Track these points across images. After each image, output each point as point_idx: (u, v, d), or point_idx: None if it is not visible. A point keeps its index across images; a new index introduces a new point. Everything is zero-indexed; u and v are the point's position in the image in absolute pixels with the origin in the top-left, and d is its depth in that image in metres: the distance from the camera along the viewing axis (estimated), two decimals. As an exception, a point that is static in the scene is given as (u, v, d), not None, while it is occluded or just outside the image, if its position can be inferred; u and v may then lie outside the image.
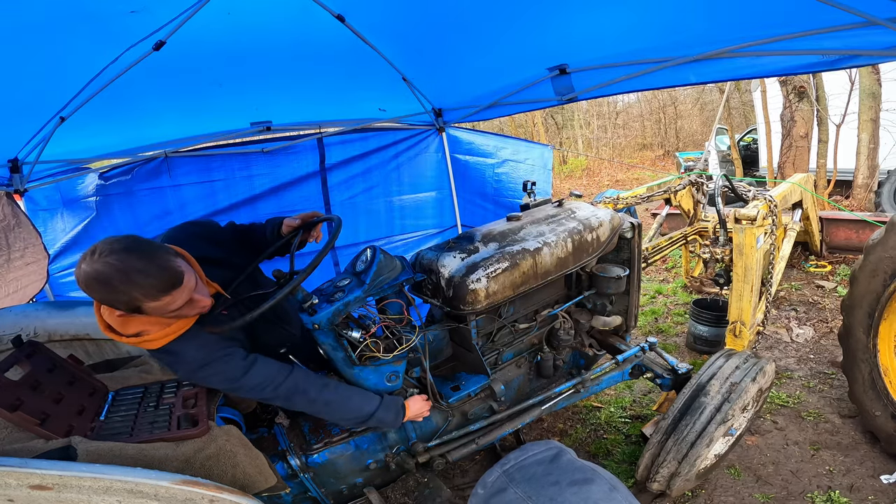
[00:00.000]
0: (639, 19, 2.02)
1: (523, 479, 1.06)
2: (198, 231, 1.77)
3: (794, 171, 6.37)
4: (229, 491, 1.25)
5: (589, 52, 2.37)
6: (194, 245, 1.62)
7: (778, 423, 2.91)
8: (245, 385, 1.55)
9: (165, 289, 1.32)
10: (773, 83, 7.71)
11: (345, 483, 1.94)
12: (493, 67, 2.77)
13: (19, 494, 1.01)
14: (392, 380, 1.82)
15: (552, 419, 3.16)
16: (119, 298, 1.29)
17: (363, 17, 2.22)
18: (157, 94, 2.47)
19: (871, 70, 6.29)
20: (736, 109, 14.28)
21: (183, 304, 1.39)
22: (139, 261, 1.28)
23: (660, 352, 2.50)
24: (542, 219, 2.21)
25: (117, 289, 1.26)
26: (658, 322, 4.56)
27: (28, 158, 2.59)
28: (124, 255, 1.27)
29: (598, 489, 1.00)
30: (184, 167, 3.20)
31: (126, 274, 1.26)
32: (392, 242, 4.03)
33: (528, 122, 15.99)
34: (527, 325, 2.24)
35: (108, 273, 1.24)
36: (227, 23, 1.95)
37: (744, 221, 2.81)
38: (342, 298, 1.70)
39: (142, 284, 1.28)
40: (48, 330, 1.85)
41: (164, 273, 1.32)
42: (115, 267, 1.25)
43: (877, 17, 1.44)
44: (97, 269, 1.24)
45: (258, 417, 2.20)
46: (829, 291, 4.60)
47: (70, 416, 1.42)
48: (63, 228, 2.98)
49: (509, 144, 4.11)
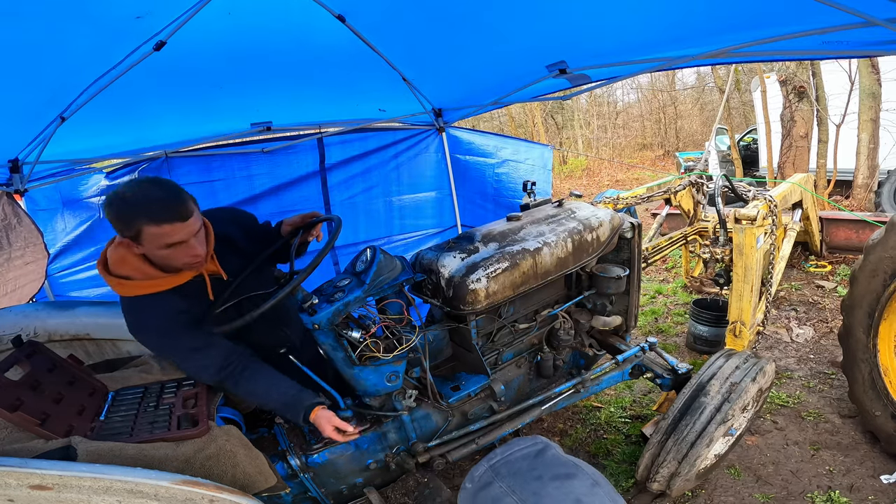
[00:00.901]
0: (638, 19, 2.02)
1: (508, 473, 1.06)
2: (233, 216, 1.88)
3: (794, 171, 6.37)
4: (229, 491, 1.25)
5: (587, 51, 2.37)
6: (223, 222, 1.73)
7: (778, 423, 2.91)
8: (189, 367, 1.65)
9: (171, 218, 1.40)
10: (773, 83, 7.71)
11: (345, 483, 1.94)
12: (493, 67, 2.77)
13: (19, 494, 1.01)
14: (392, 380, 1.82)
15: (552, 419, 3.16)
16: (128, 216, 1.38)
17: (363, 17, 2.22)
18: (158, 95, 2.47)
19: (871, 70, 6.29)
20: (736, 109, 14.28)
21: (179, 243, 1.44)
22: (160, 189, 1.42)
23: (660, 352, 2.50)
24: (542, 219, 2.21)
25: (130, 205, 1.37)
26: (658, 322, 4.56)
27: (28, 159, 2.59)
28: (149, 183, 1.43)
29: (579, 484, 1.01)
30: (184, 167, 3.20)
31: (144, 194, 1.39)
32: (392, 242, 4.03)
33: (528, 122, 15.99)
34: (527, 325, 2.24)
35: (130, 190, 1.38)
36: (228, 23, 1.95)
37: (744, 221, 2.81)
38: (342, 298, 1.70)
39: (152, 206, 1.38)
40: (48, 330, 1.86)
41: (175, 202, 1.42)
42: (137, 187, 1.40)
43: (875, 17, 1.44)
44: (123, 187, 1.40)
45: (258, 417, 2.20)
46: (829, 291, 4.60)
47: (70, 416, 1.42)
48: (63, 229, 2.99)
49: (509, 144, 4.11)
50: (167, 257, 1.47)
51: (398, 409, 1.91)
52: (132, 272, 1.50)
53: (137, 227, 1.38)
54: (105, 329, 1.91)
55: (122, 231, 1.42)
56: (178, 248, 1.46)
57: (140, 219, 1.37)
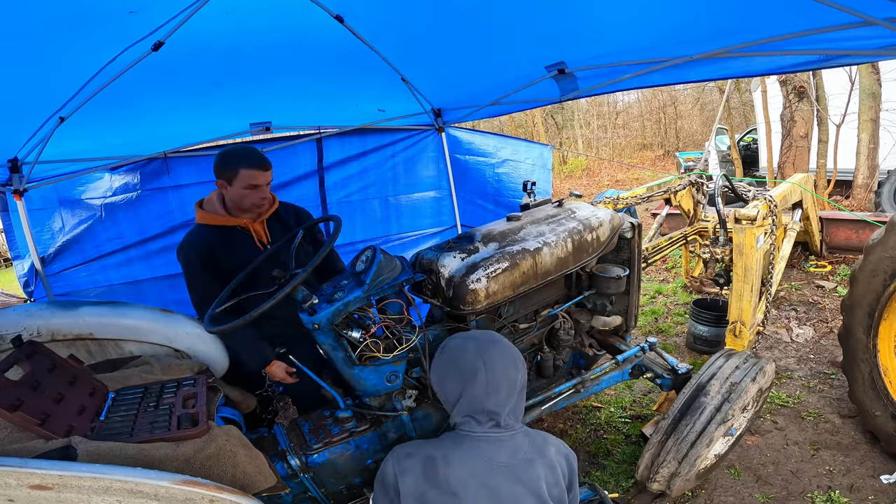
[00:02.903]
0: (638, 19, 2.03)
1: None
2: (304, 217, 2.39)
3: (794, 171, 6.37)
4: (229, 491, 1.25)
5: (587, 51, 2.37)
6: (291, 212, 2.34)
7: (778, 423, 2.91)
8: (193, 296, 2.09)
9: (258, 165, 2.01)
10: (773, 83, 7.71)
11: (345, 483, 1.94)
12: (493, 67, 2.77)
13: (19, 494, 1.01)
14: (392, 380, 1.82)
15: (552, 419, 3.17)
16: (232, 160, 1.99)
17: (362, 17, 2.22)
18: (157, 95, 2.47)
19: (871, 70, 6.30)
20: (736, 109, 14.28)
21: (256, 186, 2.02)
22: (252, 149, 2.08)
23: (660, 352, 2.50)
24: (542, 219, 2.21)
25: (235, 153, 2.03)
26: (658, 322, 4.56)
27: (28, 158, 2.60)
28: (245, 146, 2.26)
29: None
30: (184, 167, 3.21)
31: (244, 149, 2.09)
32: (390, 242, 4.03)
33: (528, 122, 16.00)
34: (527, 325, 2.24)
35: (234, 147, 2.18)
36: (226, 23, 1.95)
37: (744, 221, 2.81)
38: (342, 298, 1.70)
39: (249, 156, 2.01)
40: (51, 329, 1.85)
41: (262, 157, 2.05)
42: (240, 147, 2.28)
43: (874, 17, 1.44)
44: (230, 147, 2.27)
45: (258, 417, 2.20)
46: (829, 291, 4.60)
47: (70, 416, 1.42)
48: (61, 228, 2.98)
49: (509, 144, 4.11)
50: (244, 196, 2.02)
51: (398, 409, 1.91)
52: (210, 207, 2.11)
53: (236, 168, 1.96)
54: (108, 329, 1.91)
55: (224, 173, 1.99)
56: (254, 191, 2.02)
57: (240, 163, 1.97)
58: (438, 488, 1.17)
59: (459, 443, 1.24)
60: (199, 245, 2.06)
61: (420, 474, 1.20)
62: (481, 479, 1.18)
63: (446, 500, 1.16)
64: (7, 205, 2.80)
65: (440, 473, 1.18)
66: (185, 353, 1.98)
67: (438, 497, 1.17)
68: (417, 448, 1.28)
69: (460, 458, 1.21)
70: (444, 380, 1.33)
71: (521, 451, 1.25)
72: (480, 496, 1.17)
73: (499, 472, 1.20)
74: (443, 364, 1.36)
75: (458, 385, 1.28)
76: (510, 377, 1.29)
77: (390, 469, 1.25)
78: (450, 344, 1.39)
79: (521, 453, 1.24)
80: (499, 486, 1.18)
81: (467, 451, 1.22)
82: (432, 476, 1.19)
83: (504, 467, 1.21)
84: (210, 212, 2.09)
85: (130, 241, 3.16)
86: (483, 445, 1.23)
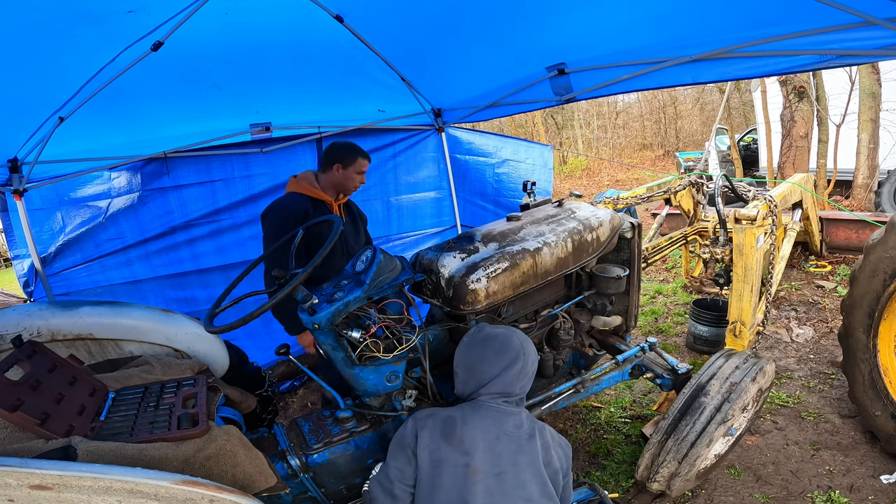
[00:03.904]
0: (637, 19, 2.03)
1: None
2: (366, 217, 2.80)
3: (794, 171, 6.37)
4: (229, 491, 1.25)
5: (587, 51, 2.37)
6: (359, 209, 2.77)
7: (778, 423, 2.91)
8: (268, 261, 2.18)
9: (369, 158, 2.51)
10: (773, 83, 7.71)
11: (345, 483, 1.94)
12: (492, 67, 2.77)
13: (19, 494, 1.01)
14: (392, 380, 1.82)
15: (552, 419, 3.16)
16: (352, 150, 2.45)
17: (362, 17, 2.23)
18: (157, 96, 2.47)
19: (871, 70, 6.30)
20: (736, 109, 14.27)
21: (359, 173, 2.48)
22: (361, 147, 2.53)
23: (660, 352, 2.50)
24: (542, 219, 2.21)
25: (353, 146, 2.48)
26: (658, 322, 4.56)
27: (28, 158, 2.59)
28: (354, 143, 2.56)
29: None
30: (184, 168, 3.21)
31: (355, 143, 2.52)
32: (391, 242, 4.03)
33: (528, 122, 16.00)
34: (527, 325, 2.24)
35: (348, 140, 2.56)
36: (226, 23, 1.96)
37: (744, 221, 2.81)
38: (342, 298, 1.70)
39: (363, 150, 2.48)
40: (52, 329, 1.85)
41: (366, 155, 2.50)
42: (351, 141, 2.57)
43: (875, 16, 1.44)
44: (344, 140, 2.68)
45: (258, 417, 2.20)
46: (829, 291, 4.60)
47: (70, 416, 1.42)
48: (61, 228, 2.98)
49: (509, 144, 4.11)
50: (351, 179, 2.47)
51: (398, 409, 1.91)
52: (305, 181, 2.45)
53: (355, 157, 2.44)
54: (108, 329, 1.90)
55: (344, 158, 2.42)
56: (358, 177, 2.49)
57: (357, 153, 2.46)
58: (452, 445, 1.34)
59: (476, 408, 1.44)
60: (294, 208, 2.34)
61: (438, 431, 1.36)
62: (489, 444, 1.36)
63: (458, 457, 1.32)
64: (7, 205, 2.80)
65: (457, 431, 1.35)
66: (185, 353, 1.98)
67: (451, 454, 1.33)
68: (437, 411, 1.44)
69: (476, 421, 1.39)
70: (482, 359, 1.49)
71: (524, 426, 1.44)
72: (487, 458, 1.33)
73: (503, 440, 1.38)
74: (484, 346, 1.52)
75: (497, 367, 1.47)
76: (535, 368, 1.55)
77: (410, 426, 1.41)
78: (492, 331, 1.56)
79: (524, 428, 1.43)
80: (502, 452, 1.36)
81: (483, 415, 1.41)
82: (449, 433, 1.36)
83: (508, 436, 1.39)
84: (302, 183, 2.45)
85: (130, 241, 3.17)
86: (495, 413, 1.43)
